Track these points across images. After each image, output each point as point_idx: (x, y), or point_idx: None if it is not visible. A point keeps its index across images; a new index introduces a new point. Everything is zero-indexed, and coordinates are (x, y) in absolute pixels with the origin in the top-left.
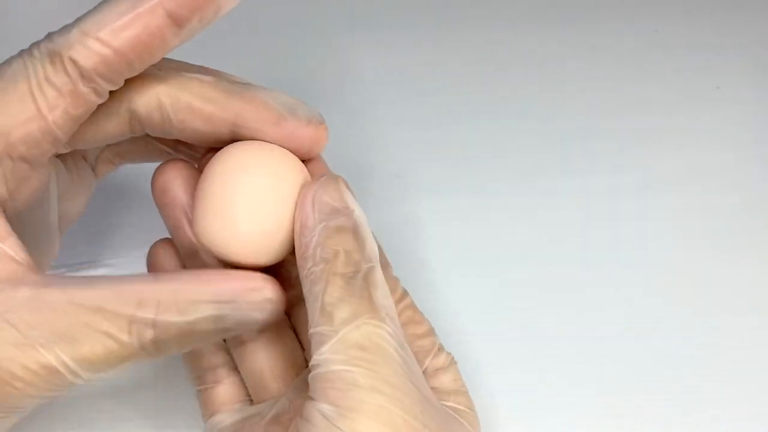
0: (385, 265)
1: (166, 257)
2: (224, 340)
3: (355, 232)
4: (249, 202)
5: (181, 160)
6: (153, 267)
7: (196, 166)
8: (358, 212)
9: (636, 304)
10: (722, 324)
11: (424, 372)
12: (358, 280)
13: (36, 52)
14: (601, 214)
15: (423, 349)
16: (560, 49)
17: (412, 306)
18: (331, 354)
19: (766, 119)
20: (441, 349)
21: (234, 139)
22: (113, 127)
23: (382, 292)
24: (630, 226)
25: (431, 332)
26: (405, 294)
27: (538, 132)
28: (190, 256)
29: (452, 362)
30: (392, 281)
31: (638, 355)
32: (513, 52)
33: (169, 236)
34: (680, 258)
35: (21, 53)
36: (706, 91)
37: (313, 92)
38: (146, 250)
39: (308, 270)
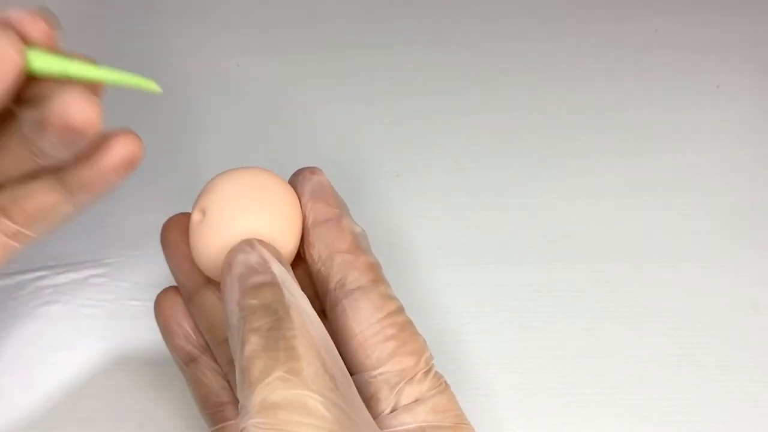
0: (377, 283)
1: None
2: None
3: (273, 284)
4: (246, 221)
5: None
6: (162, 315)
7: None
8: (278, 268)
9: (636, 304)
10: (722, 324)
11: (395, 406)
12: (274, 331)
13: None
14: (600, 213)
15: (401, 374)
16: (560, 48)
17: (399, 324)
18: (249, 420)
19: (766, 119)
20: (427, 373)
21: None
22: None
23: (303, 334)
24: (629, 225)
25: (415, 355)
26: (395, 312)
27: (538, 131)
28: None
29: (440, 391)
30: (381, 300)
31: (638, 355)
32: (513, 50)
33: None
34: (680, 257)
35: None
36: (706, 90)
37: (313, 92)
38: (145, 249)
39: (230, 331)
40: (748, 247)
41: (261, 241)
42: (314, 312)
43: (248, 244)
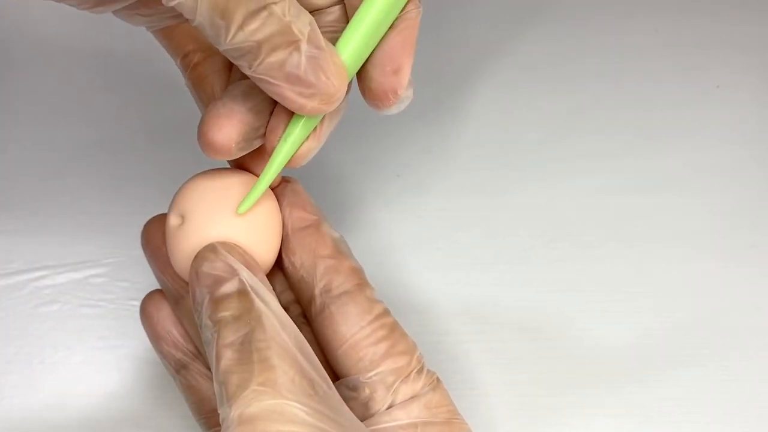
0: (362, 287)
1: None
2: None
3: (241, 293)
4: (221, 225)
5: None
6: (149, 321)
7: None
8: (246, 273)
9: (636, 304)
10: (722, 324)
11: (391, 404)
12: (247, 344)
13: None
14: (600, 213)
15: (396, 374)
16: (560, 48)
17: (389, 326)
18: None
19: (766, 119)
20: (420, 371)
21: None
22: None
23: (277, 342)
24: (629, 225)
25: (408, 354)
26: (383, 314)
27: (538, 131)
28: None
29: (432, 388)
30: (369, 303)
31: (638, 355)
32: (513, 50)
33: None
34: (680, 257)
35: None
36: (705, 90)
37: None
38: None
39: (205, 345)
40: (748, 247)
41: (225, 245)
42: (287, 315)
43: (211, 250)
